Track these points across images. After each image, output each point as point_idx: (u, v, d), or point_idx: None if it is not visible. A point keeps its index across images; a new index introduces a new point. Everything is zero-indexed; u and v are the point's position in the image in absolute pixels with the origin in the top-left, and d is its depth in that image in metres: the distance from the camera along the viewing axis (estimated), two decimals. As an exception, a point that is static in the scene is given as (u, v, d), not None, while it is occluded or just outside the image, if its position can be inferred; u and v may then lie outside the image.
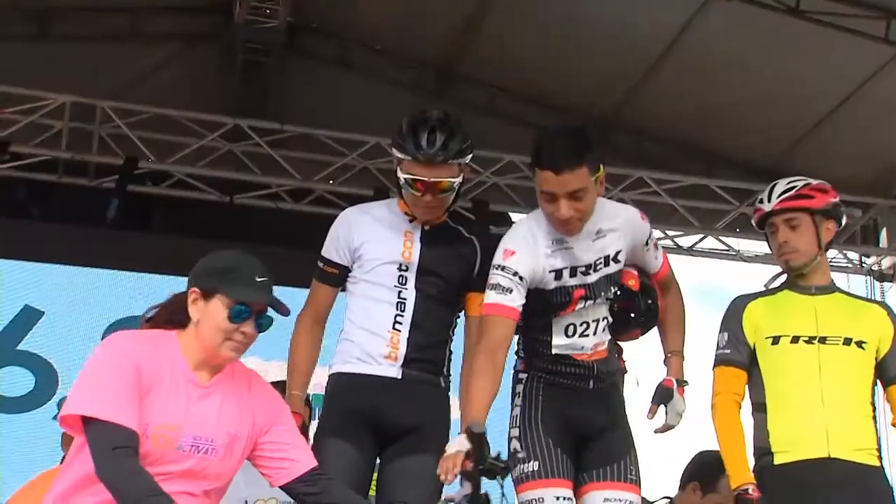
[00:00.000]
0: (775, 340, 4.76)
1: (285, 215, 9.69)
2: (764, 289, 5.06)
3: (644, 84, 9.81)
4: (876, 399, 4.80)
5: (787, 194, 4.78)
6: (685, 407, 4.59)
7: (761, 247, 10.24)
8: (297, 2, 9.34)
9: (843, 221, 5.17)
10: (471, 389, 4.31)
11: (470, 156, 4.62)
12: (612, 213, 4.61)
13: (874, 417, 4.75)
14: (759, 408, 4.76)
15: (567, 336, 4.59)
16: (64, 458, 4.63)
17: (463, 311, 4.72)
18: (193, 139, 9.48)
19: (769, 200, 4.81)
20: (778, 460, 4.62)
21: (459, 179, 4.55)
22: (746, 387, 4.82)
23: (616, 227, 4.56)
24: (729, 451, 4.71)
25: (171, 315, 3.82)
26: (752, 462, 4.72)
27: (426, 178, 4.48)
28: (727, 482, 5.33)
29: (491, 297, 4.37)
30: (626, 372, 4.96)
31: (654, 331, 4.91)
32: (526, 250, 4.41)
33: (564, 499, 4.53)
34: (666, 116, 10.21)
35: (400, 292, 4.55)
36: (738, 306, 4.88)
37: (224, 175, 9.58)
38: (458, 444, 3.98)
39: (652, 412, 4.55)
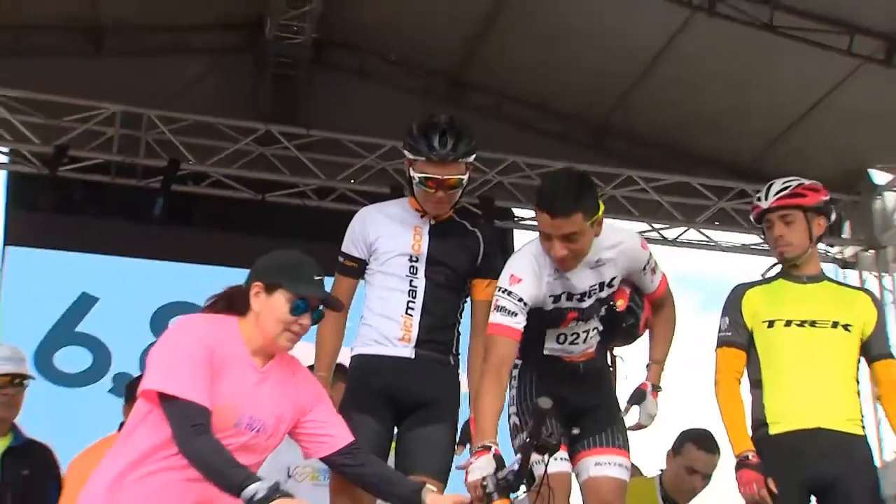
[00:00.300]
0: (770, 324, 4.78)
1: (311, 212, 9.67)
2: (761, 278, 5.02)
3: (633, 92, 9.90)
4: (861, 375, 4.81)
5: (782, 193, 4.79)
6: (657, 410, 4.61)
7: (738, 238, 10.74)
8: (321, 20, 9.30)
9: (833, 217, 5.20)
10: (482, 407, 4.31)
11: (474, 155, 4.61)
12: (613, 241, 4.54)
13: (858, 392, 4.74)
14: (756, 384, 4.77)
15: (558, 343, 4.63)
16: (122, 423, 4.71)
17: (469, 297, 4.69)
18: (229, 143, 9.59)
19: (766, 198, 4.82)
20: (773, 431, 4.65)
21: (466, 176, 4.56)
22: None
23: (614, 256, 4.53)
24: (731, 423, 4.71)
25: (230, 303, 3.84)
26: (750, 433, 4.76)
27: (438, 176, 4.48)
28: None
29: (496, 317, 4.38)
30: (622, 359, 4.95)
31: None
32: (531, 278, 4.41)
33: (561, 458, 4.52)
34: (653, 121, 10.28)
35: (411, 281, 4.56)
36: (738, 293, 4.89)
37: (256, 176, 9.67)
38: (480, 468, 3.98)
39: (626, 411, 4.60)
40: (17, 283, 8.97)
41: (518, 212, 10.39)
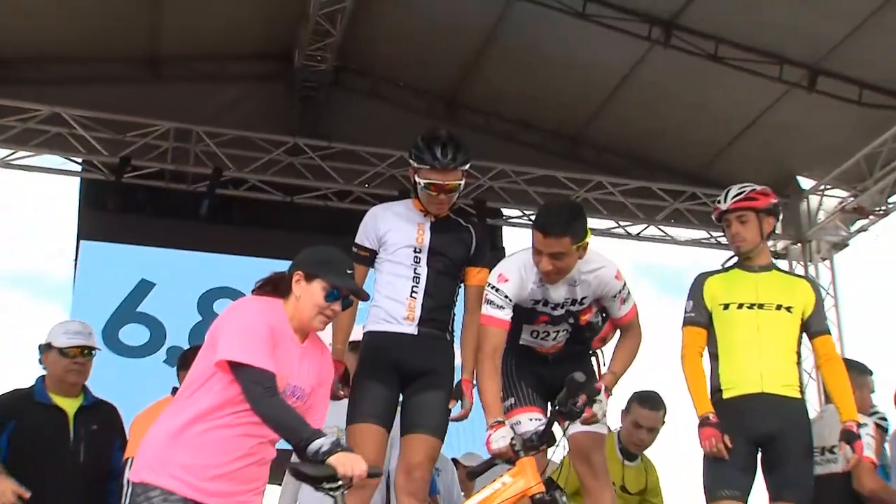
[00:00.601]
0: (726, 307, 4.83)
1: (332, 211, 9.70)
2: (720, 268, 5.03)
3: (601, 111, 9.91)
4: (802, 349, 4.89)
5: (738, 197, 4.85)
6: (606, 408, 4.53)
7: (690, 234, 10.67)
8: (340, 51, 9.39)
9: (780, 217, 5.18)
10: (486, 391, 4.39)
11: (469, 164, 4.63)
12: (593, 266, 4.54)
13: (798, 362, 4.83)
14: (714, 357, 4.84)
15: (532, 337, 4.71)
16: (175, 388, 4.89)
17: (463, 282, 4.74)
18: (263, 154, 9.63)
19: (725, 201, 4.88)
20: (726, 395, 4.73)
21: (462, 182, 4.60)
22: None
23: (590, 279, 4.53)
24: (694, 389, 4.76)
25: (275, 287, 3.86)
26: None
27: (440, 182, 4.51)
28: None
29: (487, 310, 4.48)
30: (602, 353, 4.90)
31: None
32: (516, 280, 4.48)
33: (535, 419, 4.62)
34: (618, 135, 10.29)
35: (415, 269, 4.60)
36: (700, 281, 4.94)
37: (286, 181, 9.71)
38: (502, 437, 4.08)
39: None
40: (89, 272, 9.10)
41: (506, 211, 10.44)
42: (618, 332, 4.79)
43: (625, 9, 8.72)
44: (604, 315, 4.72)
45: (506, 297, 4.44)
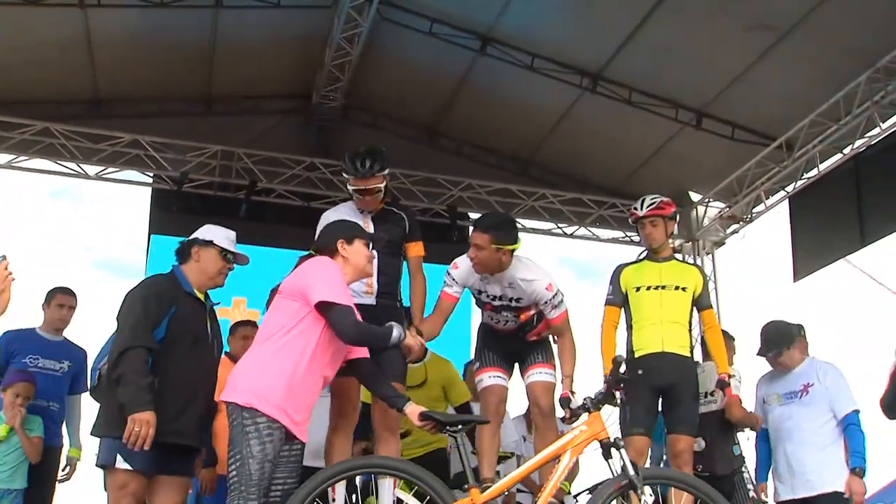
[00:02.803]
0: (637, 289, 4.94)
1: None
2: (635, 259, 5.19)
3: (546, 139, 9.96)
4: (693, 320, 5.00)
5: (651, 206, 4.97)
6: (578, 403, 4.12)
7: (611, 234, 10.57)
8: (348, 92, 9.42)
9: (678, 221, 5.33)
10: (427, 321, 4.43)
11: (387, 170, 4.46)
12: (528, 276, 4.45)
13: (690, 330, 4.92)
14: (629, 327, 4.96)
15: (489, 318, 4.74)
16: (228, 353, 4.78)
17: (405, 257, 4.61)
18: (287, 170, 9.66)
19: (641, 209, 4.98)
20: (637, 354, 4.86)
21: (383, 184, 4.48)
22: (623, 317, 4.98)
23: (523, 287, 4.45)
24: (605, 354, 4.83)
25: (331, 253, 3.84)
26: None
27: (362, 187, 4.44)
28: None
29: (443, 287, 4.53)
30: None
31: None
32: (464, 269, 4.49)
33: (495, 376, 4.69)
34: (559, 158, 10.32)
35: None
36: (618, 270, 5.03)
37: (305, 190, 9.71)
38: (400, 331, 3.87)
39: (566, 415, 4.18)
40: (158, 258, 8.91)
41: (472, 215, 10.08)
42: (551, 331, 4.68)
43: (563, 63, 8.84)
44: (538, 315, 4.64)
45: (453, 279, 4.50)
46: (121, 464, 3.87)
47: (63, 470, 5.73)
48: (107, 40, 8.54)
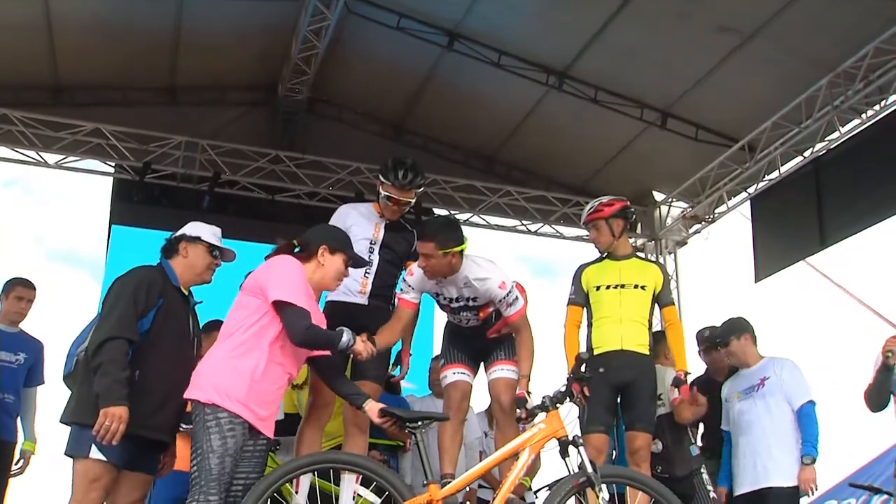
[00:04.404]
0: (598, 288, 4.94)
1: (304, 208, 9.64)
2: (596, 259, 5.11)
3: (511, 137, 10.00)
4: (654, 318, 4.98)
5: (589, 211, 5.04)
6: (534, 404, 4.20)
7: (574, 232, 10.55)
8: (313, 86, 9.44)
9: (632, 217, 5.28)
10: (382, 339, 4.32)
11: (422, 187, 4.71)
12: (481, 275, 4.45)
13: (649, 328, 4.93)
14: (590, 325, 4.96)
15: (452, 317, 4.77)
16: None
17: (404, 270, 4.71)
18: (252, 162, 9.60)
19: (584, 215, 5.09)
20: (596, 352, 4.86)
21: (414, 199, 4.70)
22: (584, 315, 4.96)
23: (477, 286, 4.46)
24: (569, 353, 4.79)
25: (306, 253, 3.84)
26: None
27: (397, 197, 4.59)
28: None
29: (399, 294, 4.57)
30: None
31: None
32: (419, 275, 4.46)
33: (459, 372, 4.74)
34: (523, 155, 10.36)
35: (370, 256, 4.59)
36: (580, 270, 5.05)
37: (269, 183, 9.66)
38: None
39: (519, 414, 4.24)
40: (119, 251, 8.97)
41: (437, 210, 10.10)
42: (510, 327, 4.68)
43: (529, 61, 8.87)
44: (496, 313, 4.66)
45: (409, 286, 4.51)
46: (95, 454, 3.77)
47: (17, 463, 5.66)
48: (68, 25, 8.41)
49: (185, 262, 4.14)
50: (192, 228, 4.26)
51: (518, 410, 4.23)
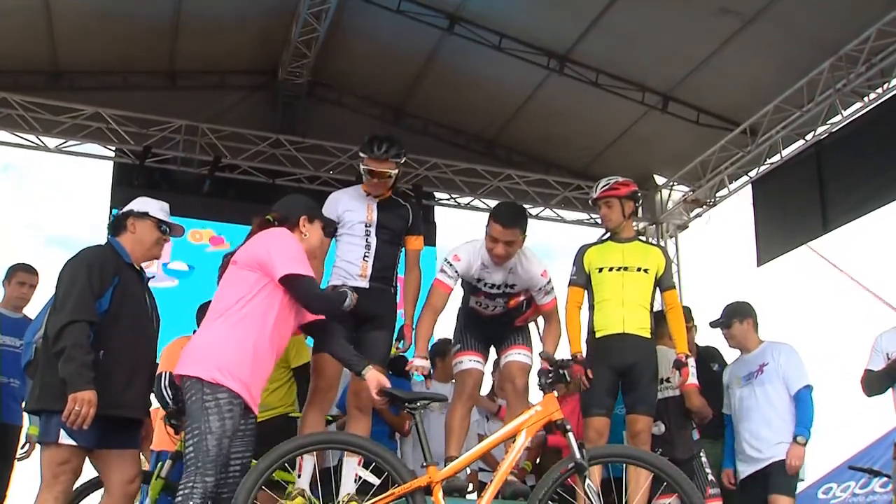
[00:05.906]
0: (600, 270, 4.91)
1: (305, 192, 8.54)
2: (597, 240, 5.18)
3: (512, 120, 10.03)
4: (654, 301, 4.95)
5: (604, 187, 4.98)
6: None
7: (575, 216, 10.71)
8: (314, 69, 9.45)
9: (640, 201, 5.19)
10: (421, 331, 4.50)
11: (403, 158, 4.62)
12: (527, 263, 4.57)
13: (651, 311, 4.91)
14: (591, 307, 4.94)
15: (477, 304, 4.81)
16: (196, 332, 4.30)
17: (404, 247, 4.75)
18: (252, 146, 9.62)
19: (596, 191, 5.02)
20: (598, 335, 4.86)
21: (396, 171, 4.61)
22: (585, 296, 4.94)
23: (522, 273, 4.58)
24: (570, 334, 4.80)
25: (291, 225, 3.83)
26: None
27: (375, 169, 4.56)
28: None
29: (440, 276, 4.59)
30: (537, 323, 4.89)
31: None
32: (466, 261, 4.56)
33: (474, 360, 4.80)
34: (524, 139, 10.37)
35: (367, 239, 4.60)
36: (582, 250, 5.02)
37: (270, 167, 9.68)
38: (420, 362, 4.25)
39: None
40: None
41: (438, 194, 10.44)
42: (539, 316, 4.80)
43: (530, 45, 8.86)
44: (527, 301, 4.76)
45: (455, 271, 4.57)
46: (64, 439, 3.76)
47: (23, 448, 5.68)
48: (68, 9, 8.40)
49: (133, 238, 4.11)
50: (140, 204, 4.23)
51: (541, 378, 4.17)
